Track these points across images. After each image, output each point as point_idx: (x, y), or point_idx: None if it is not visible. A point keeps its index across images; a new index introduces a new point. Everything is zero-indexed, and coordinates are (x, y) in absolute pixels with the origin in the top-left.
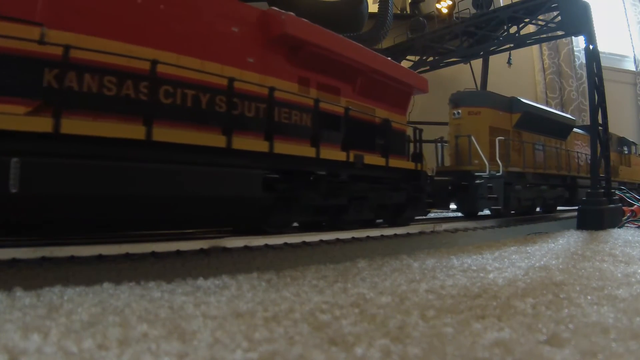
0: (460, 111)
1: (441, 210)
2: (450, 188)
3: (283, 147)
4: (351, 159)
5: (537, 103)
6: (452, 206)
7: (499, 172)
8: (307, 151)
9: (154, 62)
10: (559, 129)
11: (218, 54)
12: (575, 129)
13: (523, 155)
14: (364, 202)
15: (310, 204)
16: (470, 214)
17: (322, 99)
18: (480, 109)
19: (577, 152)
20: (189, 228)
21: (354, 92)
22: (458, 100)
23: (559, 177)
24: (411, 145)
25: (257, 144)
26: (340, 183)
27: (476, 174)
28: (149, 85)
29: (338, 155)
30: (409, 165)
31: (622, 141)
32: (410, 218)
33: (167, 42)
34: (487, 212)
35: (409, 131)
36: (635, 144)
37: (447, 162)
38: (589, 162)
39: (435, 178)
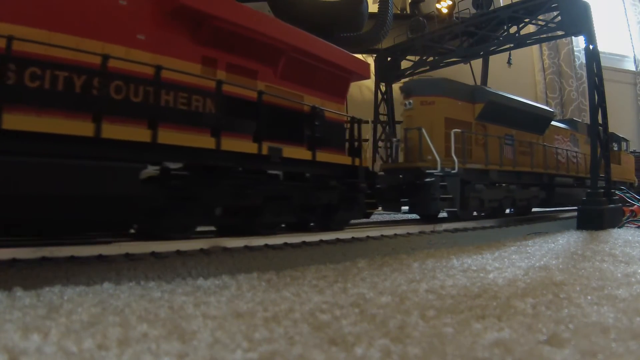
0: (411, 101)
1: (392, 213)
2: (403, 188)
3: (171, 137)
4: (264, 152)
5: (507, 93)
6: (405, 208)
7: (454, 169)
8: (205, 142)
9: (10, 39)
10: (534, 121)
11: (99, 31)
12: (554, 123)
13: (486, 151)
14: (284, 203)
15: (216, 205)
16: (426, 216)
17: (232, 82)
18: (435, 98)
19: (557, 147)
20: (53, 232)
21: (275, 75)
22: (410, 89)
23: (533, 175)
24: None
25: (135, 133)
26: (252, 181)
27: (428, 171)
28: (2, 67)
29: (246, 147)
30: (344, 160)
31: (612, 137)
32: (344, 221)
33: (36, 18)
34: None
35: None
36: (626, 140)
37: (401, 159)
38: (572, 158)
39: (380, 174)
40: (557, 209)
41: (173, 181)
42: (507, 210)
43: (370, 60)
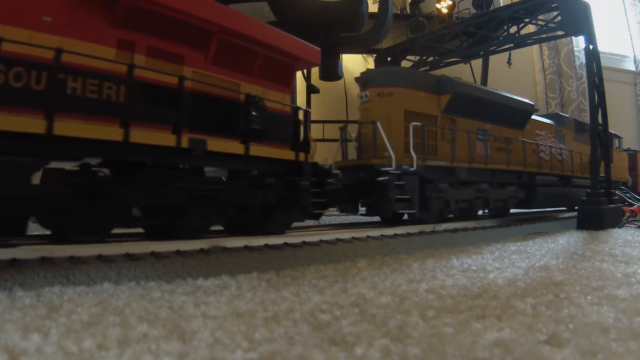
0: (368, 93)
1: (348, 214)
2: (358, 187)
3: (69, 128)
4: (184, 145)
5: (479, 85)
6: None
7: (411, 166)
8: (110, 133)
9: None
10: (512, 115)
11: None
12: (537, 117)
13: (452, 146)
14: (212, 204)
15: (131, 205)
16: (388, 219)
17: (154, 67)
18: (393, 89)
19: (539, 144)
20: None
21: (205, 60)
22: (366, 79)
23: (510, 173)
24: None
25: (24, 123)
26: (170, 178)
27: (382, 169)
28: None
29: (160, 138)
30: (285, 155)
31: None
32: (285, 224)
33: None
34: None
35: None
36: (618, 137)
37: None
38: (557, 155)
39: (336, 172)
40: (541, 210)
41: (75, 178)
42: (480, 212)
43: (370, 60)
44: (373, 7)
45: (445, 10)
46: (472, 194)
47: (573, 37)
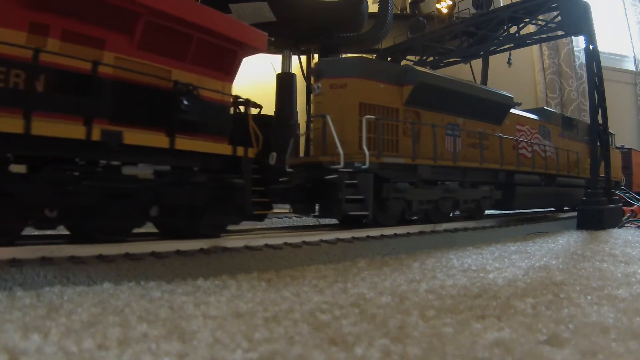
0: (320, 85)
1: (302, 216)
2: (309, 187)
3: None
4: (95, 137)
5: (449, 76)
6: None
7: (363, 163)
8: (8, 125)
9: None
10: (487, 109)
11: None
12: (517, 112)
13: (414, 142)
14: (129, 203)
15: (37, 205)
16: (347, 221)
17: (71, 52)
18: (347, 80)
19: (519, 140)
20: None
21: (131, 45)
22: (319, 70)
23: (484, 171)
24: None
25: None
26: (83, 174)
27: (331, 167)
28: None
29: (67, 131)
30: (220, 149)
31: None
32: (218, 226)
33: None
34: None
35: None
36: (611, 133)
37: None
38: (541, 153)
39: (287, 170)
40: (523, 211)
41: None
42: (451, 214)
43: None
44: (373, 7)
45: (445, 10)
46: (439, 194)
47: (573, 37)
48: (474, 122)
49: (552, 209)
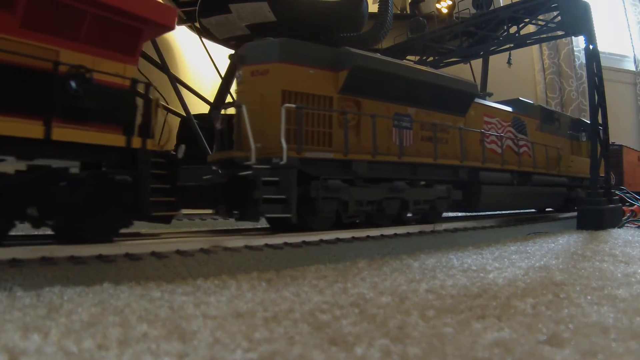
0: (241, 72)
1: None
2: (225, 185)
3: None
4: None
5: (395, 59)
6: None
7: (281, 159)
8: None
9: None
10: (446, 98)
11: None
12: (486, 102)
13: (346, 134)
14: None
15: None
16: (280, 224)
17: None
18: (269, 66)
19: (486, 132)
20: None
21: (12, 23)
22: (240, 57)
23: (440, 168)
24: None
25: None
26: None
27: (245, 163)
28: None
29: None
30: (108, 140)
31: (578, 124)
32: (108, 230)
33: None
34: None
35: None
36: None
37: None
38: (514, 147)
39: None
40: (492, 213)
41: None
42: (408, 215)
43: None
44: (373, 7)
45: (445, 10)
46: (382, 194)
47: (573, 37)
48: (429, 113)
49: (531, 210)
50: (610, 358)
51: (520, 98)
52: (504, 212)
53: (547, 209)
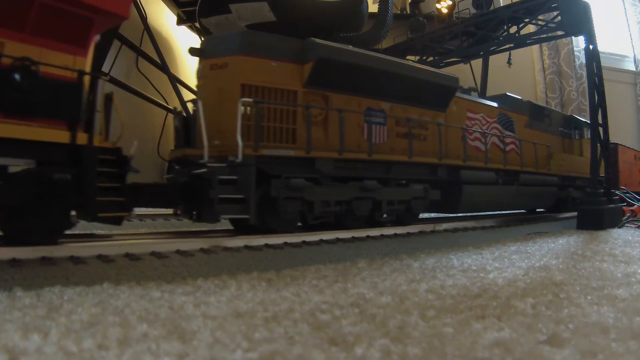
0: (201, 66)
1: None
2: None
3: None
4: None
5: (365, 51)
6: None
7: (236, 157)
8: None
9: None
10: (424, 92)
11: None
12: (469, 97)
13: (308, 130)
14: None
15: None
16: (244, 227)
17: None
18: (228, 59)
19: (468, 129)
20: None
21: None
22: (199, 50)
23: (417, 166)
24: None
25: None
26: None
27: (201, 161)
28: None
29: None
30: (48, 135)
31: (570, 121)
32: (49, 231)
33: None
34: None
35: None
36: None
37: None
38: (500, 145)
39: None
40: (474, 214)
41: None
42: (384, 217)
43: None
44: (373, 7)
45: (445, 10)
46: (352, 194)
47: (573, 37)
48: (406, 108)
49: (521, 211)
50: (610, 358)
51: (508, 93)
52: (489, 212)
53: (537, 210)
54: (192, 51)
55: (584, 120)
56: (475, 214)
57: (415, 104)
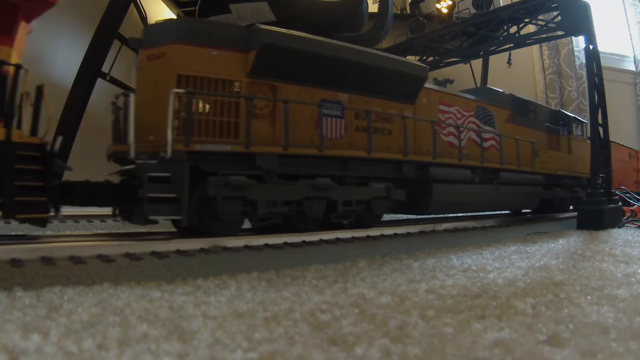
0: (139, 58)
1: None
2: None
3: None
4: None
5: (317, 37)
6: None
7: (165, 153)
8: None
9: None
10: (387, 82)
11: None
12: (440, 88)
13: (248, 123)
14: None
15: None
16: (186, 229)
17: None
18: (165, 49)
19: (445, 123)
20: None
21: None
22: (138, 40)
23: (378, 163)
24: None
25: None
26: None
27: (129, 158)
28: None
29: None
30: None
31: (558, 117)
32: None
33: None
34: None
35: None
36: (581, 121)
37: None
38: (477, 140)
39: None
40: (449, 215)
41: None
42: (335, 219)
43: None
44: (373, 7)
45: (445, 10)
46: (302, 193)
47: (573, 37)
48: (367, 100)
49: (505, 212)
50: (610, 358)
51: (489, 86)
52: (465, 213)
53: (522, 211)
54: (131, 42)
55: (572, 115)
56: (471, 214)
57: (378, 96)
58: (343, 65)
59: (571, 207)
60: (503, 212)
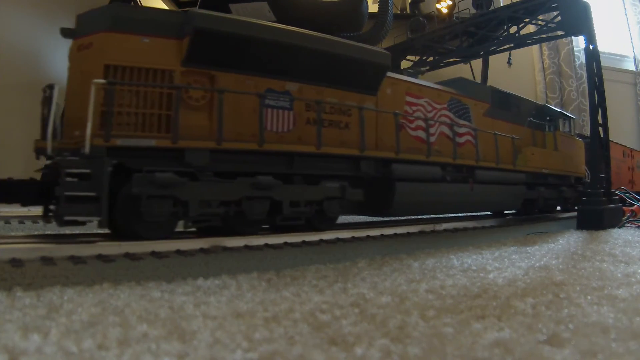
0: (70, 48)
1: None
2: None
3: None
4: None
5: (261, 21)
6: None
7: (82, 148)
8: None
9: None
10: (344, 71)
11: None
12: (407, 78)
13: (176, 116)
14: None
15: None
16: (124, 233)
17: None
18: (93, 38)
19: (411, 117)
20: None
21: None
22: (69, 30)
23: (333, 159)
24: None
25: None
26: None
27: (49, 154)
28: None
29: None
30: None
31: (543, 112)
32: None
33: None
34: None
35: None
36: (569, 117)
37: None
38: (449, 134)
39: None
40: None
41: None
42: (277, 221)
43: None
44: (373, 7)
45: (445, 10)
46: (241, 192)
47: (573, 37)
48: (320, 90)
49: (486, 213)
50: (610, 358)
51: (464, 77)
52: (437, 214)
53: (504, 212)
54: (64, 32)
55: (559, 110)
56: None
57: (334, 86)
58: (291, 52)
59: (558, 208)
60: (481, 213)
